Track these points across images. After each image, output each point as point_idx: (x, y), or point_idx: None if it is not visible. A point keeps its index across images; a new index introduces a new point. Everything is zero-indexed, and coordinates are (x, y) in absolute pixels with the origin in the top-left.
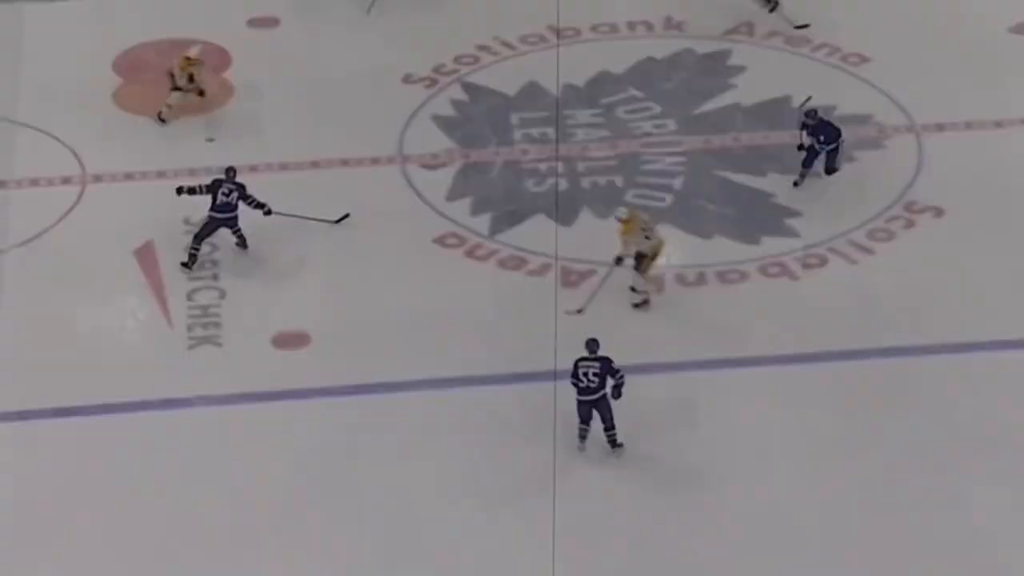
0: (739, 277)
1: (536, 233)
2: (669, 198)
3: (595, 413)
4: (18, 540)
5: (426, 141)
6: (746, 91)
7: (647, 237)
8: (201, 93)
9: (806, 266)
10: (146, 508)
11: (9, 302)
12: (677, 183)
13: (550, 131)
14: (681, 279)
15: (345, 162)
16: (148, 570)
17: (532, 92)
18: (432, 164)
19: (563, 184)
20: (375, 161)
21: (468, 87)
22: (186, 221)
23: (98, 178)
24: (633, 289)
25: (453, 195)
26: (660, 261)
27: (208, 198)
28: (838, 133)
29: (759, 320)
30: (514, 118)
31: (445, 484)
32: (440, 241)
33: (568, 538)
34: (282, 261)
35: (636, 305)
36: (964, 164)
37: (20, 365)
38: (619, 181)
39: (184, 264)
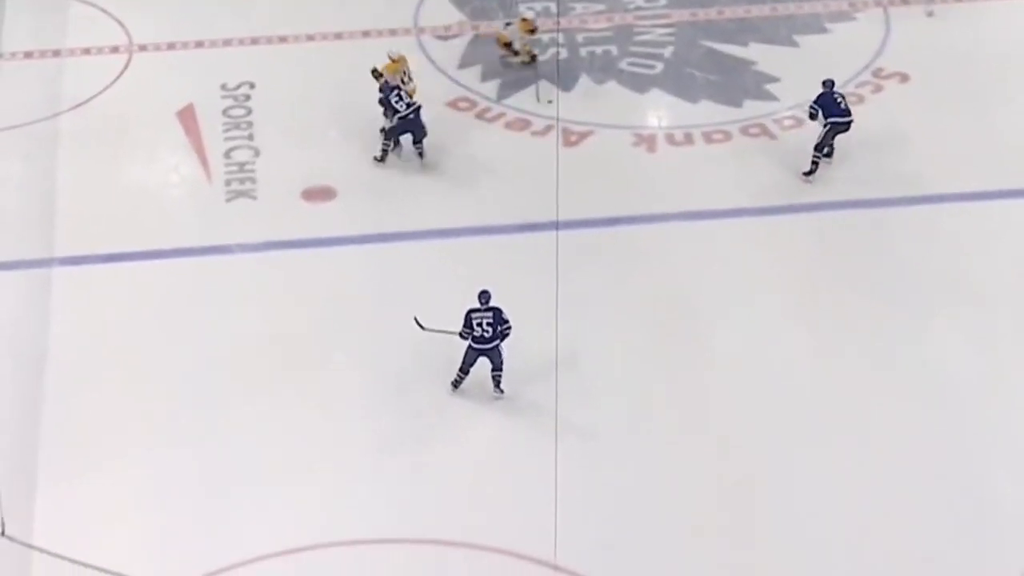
0: (723, 137)
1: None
2: (659, 66)
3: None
4: (74, 375)
5: (440, 15)
6: None
7: (402, 82)
8: (533, 58)
9: (784, 127)
10: (189, 343)
11: (64, 160)
12: (667, 52)
13: (552, 5)
14: (670, 139)
15: (366, 33)
16: (189, 400)
17: None
18: (445, 35)
19: (563, 53)
20: (393, 32)
21: None
22: (223, 87)
23: (143, 47)
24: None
25: (464, 63)
26: None
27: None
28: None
29: (742, 175)
30: None
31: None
32: (453, 105)
33: (570, 356)
34: (311, 123)
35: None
36: (927, 35)
37: (74, 216)
38: (614, 50)
39: (377, 158)
